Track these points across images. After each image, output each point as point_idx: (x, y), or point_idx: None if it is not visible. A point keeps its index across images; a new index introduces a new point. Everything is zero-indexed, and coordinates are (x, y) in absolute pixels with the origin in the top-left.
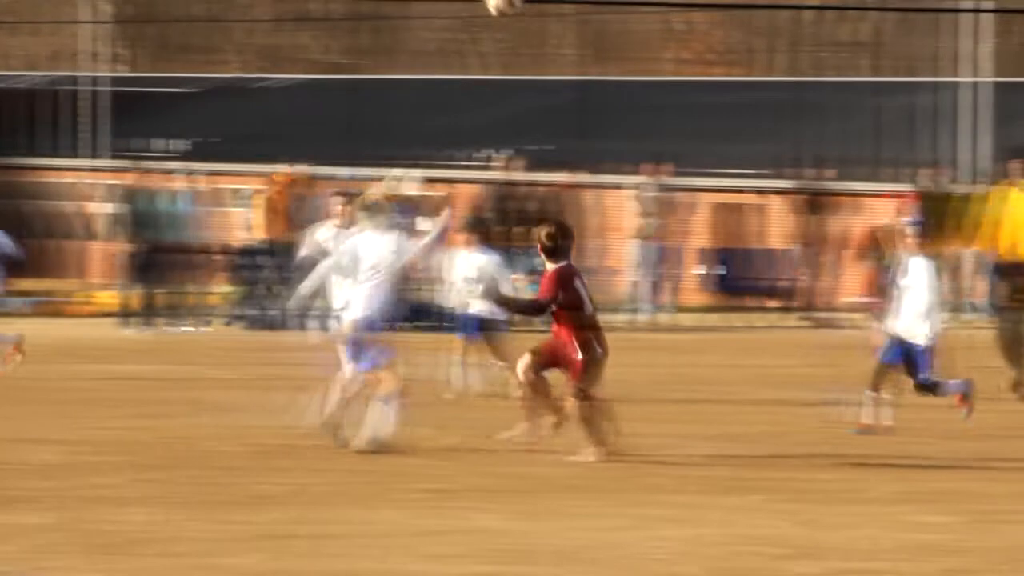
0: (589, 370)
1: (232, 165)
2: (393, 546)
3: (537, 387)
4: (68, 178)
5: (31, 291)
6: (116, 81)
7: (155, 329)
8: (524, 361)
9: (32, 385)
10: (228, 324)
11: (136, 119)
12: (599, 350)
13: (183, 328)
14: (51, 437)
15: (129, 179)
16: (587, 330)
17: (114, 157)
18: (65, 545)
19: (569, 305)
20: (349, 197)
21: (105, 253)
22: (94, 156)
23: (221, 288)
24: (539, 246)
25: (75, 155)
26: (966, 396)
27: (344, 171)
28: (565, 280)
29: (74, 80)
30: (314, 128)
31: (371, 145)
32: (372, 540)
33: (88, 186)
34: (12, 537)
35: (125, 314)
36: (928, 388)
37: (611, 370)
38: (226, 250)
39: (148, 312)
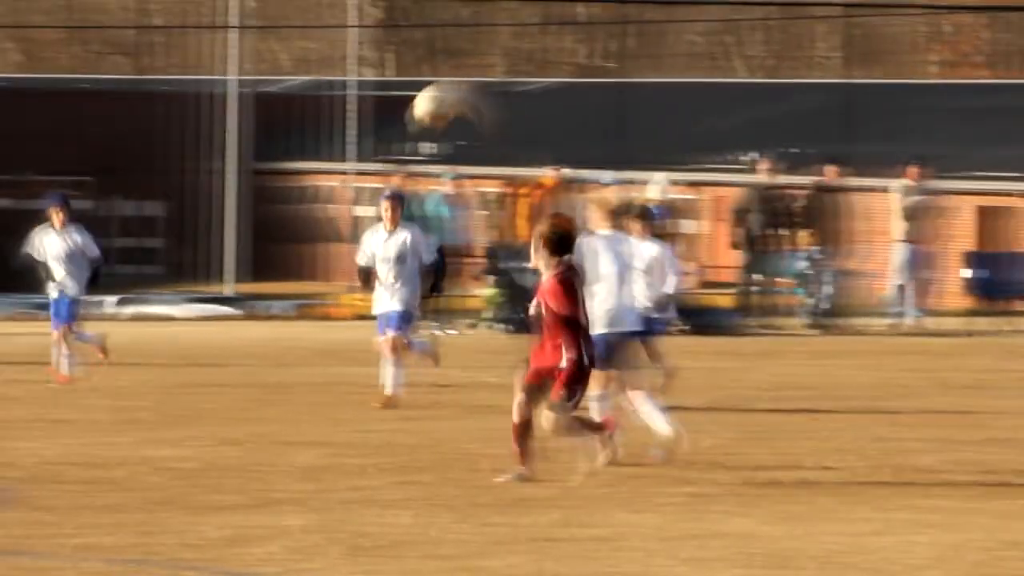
0: (575, 377)
1: (491, 169)
2: (653, 550)
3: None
4: (328, 182)
5: (292, 294)
6: (376, 85)
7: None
8: (517, 400)
9: (296, 388)
10: (489, 327)
11: (396, 123)
12: (587, 359)
13: (446, 331)
14: (315, 439)
15: (380, 183)
16: (579, 337)
17: (366, 161)
18: (328, 546)
19: (570, 313)
20: (396, 200)
21: (353, 256)
22: (346, 160)
23: (483, 291)
24: (543, 241)
25: (335, 159)
26: None
27: (605, 174)
28: (575, 286)
29: (335, 84)
30: (574, 131)
31: (632, 148)
32: (633, 544)
33: (340, 189)
34: (276, 538)
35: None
36: None
37: (874, 373)
38: (488, 253)
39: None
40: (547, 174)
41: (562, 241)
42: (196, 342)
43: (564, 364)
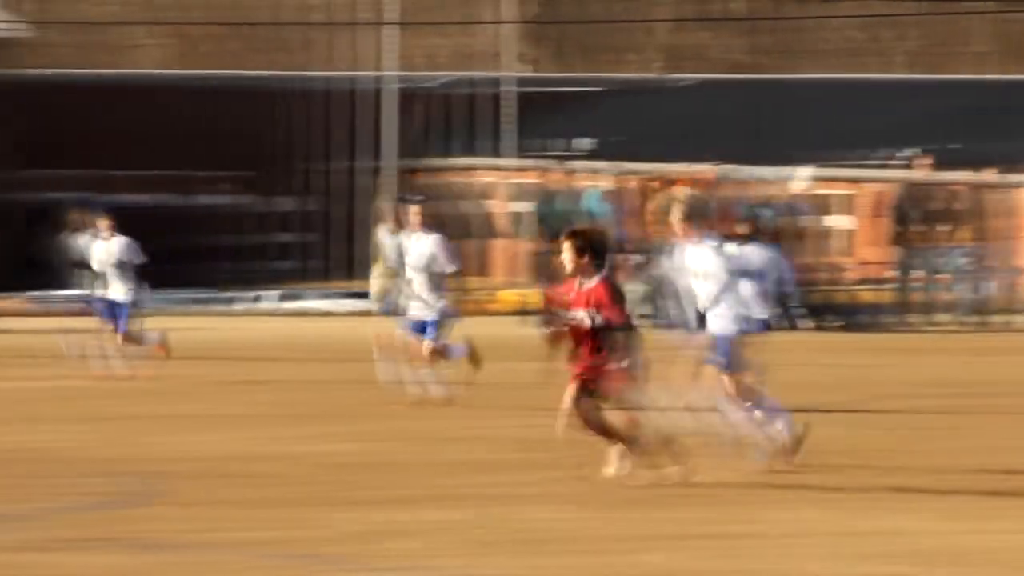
0: (633, 378)
1: (637, 165)
2: (808, 546)
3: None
4: (483, 178)
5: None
6: (523, 81)
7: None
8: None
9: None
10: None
11: (542, 119)
12: (640, 359)
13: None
14: (459, 435)
15: (536, 179)
16: (624, 344)
17: (521, 157)
18: (469, 542)
19: (621, 319)
20: (423, 204)
21: (508, 252)
22: (501, 156)
23: (634, 287)
24: (578, 252)
25: (484, 155)
26: None
27: (747, 171)
28: (621, 292)
29: (482, 81)
30: (727, 127)
31: (774, 145)
32: (787, 540)
33: (495, 185)
34: (417, 534)
35: (527, 312)
36: None
37: (1016, 371)
38: (634, 249)
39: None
40: (702, 170)
41: (601, 247)
42: (348, 337)
43: (618, 367)
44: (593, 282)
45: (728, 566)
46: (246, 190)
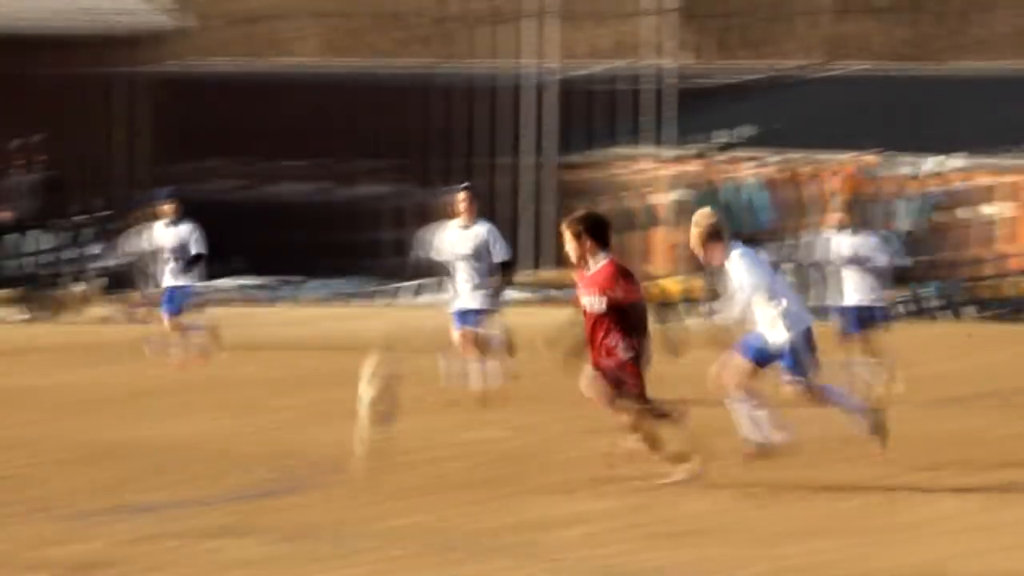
0: (642, 370)
1: (794, 154)
2: (948, 538)
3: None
4: (633, 169)
5: None
6: (680, 72)
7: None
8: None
9: None
10: None
11: (699, 109)
12: (648, 349)
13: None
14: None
15: (693, 169)
16: (636, 330)
17: (678, 147)
18: (628, 532)
19: (634, 299)
20: (471, 193)
21: (668, 242)
22: (659, 146)
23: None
24: (582, 234)
25: (642, 145)
26: None
27: (908, 161)
28: (632, 273)
29: (640, 71)
30: (872, 118)
31: (926, 135)
32: (927, 533)
33: (653, 176)
34: (576, 524)
35: (689, 301)
36: None
37: None
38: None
39: (712, 299)
40: (847, 160)
41: (601, 228)
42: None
43: (624, 356)
44: (600, 264)
45: (867, 558)
46: (391, 181)
